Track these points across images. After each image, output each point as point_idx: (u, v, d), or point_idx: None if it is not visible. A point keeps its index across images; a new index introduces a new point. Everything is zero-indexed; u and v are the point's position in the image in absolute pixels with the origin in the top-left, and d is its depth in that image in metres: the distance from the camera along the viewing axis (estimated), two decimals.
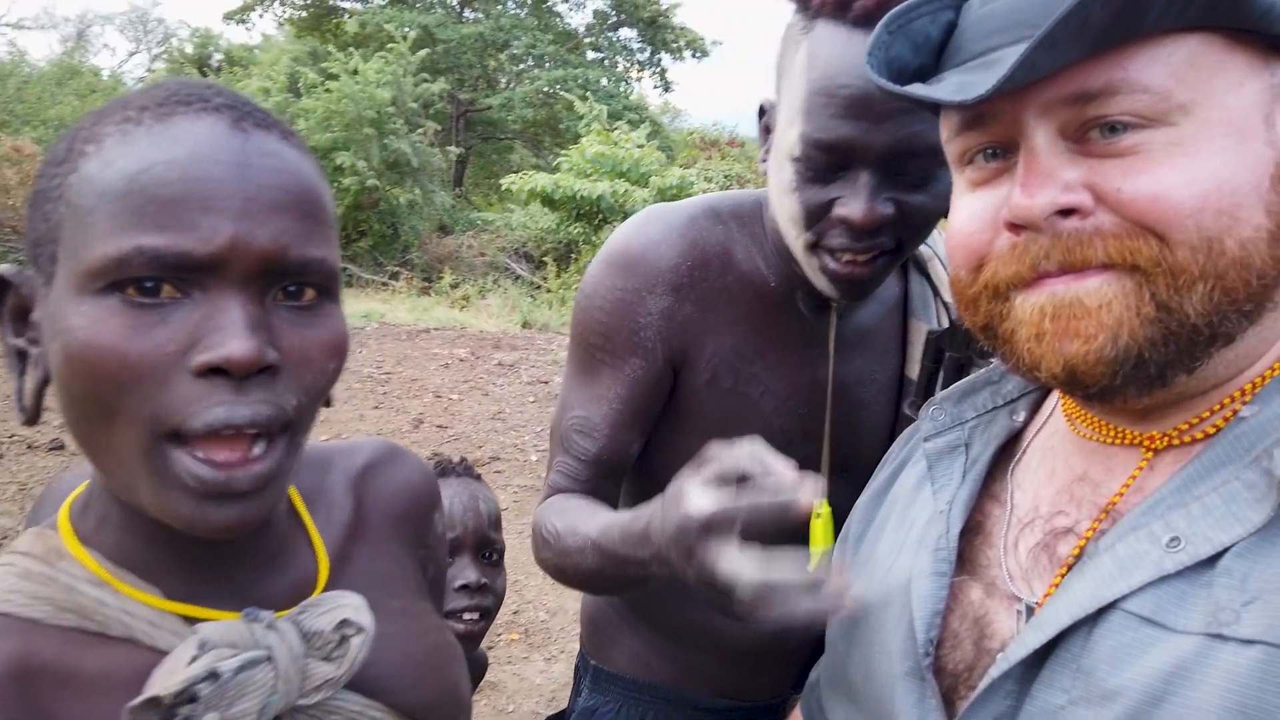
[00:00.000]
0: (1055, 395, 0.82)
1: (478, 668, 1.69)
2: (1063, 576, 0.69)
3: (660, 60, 23.54)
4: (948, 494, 0.81)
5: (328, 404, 0.72)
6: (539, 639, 3.83)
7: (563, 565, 1.09)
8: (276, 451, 0.65)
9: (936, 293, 1.32)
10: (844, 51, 1.02)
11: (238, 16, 23.47)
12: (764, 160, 1.18)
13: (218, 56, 24.37)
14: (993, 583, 0.75)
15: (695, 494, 0.78)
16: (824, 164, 1.04)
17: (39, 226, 0.65)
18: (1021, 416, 0.83)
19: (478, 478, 1.60)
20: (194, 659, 0.63)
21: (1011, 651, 0.67)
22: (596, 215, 13.19)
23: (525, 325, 11.00)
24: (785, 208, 1.11)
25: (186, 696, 0.61)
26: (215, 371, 0.61)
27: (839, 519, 1.30)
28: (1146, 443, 0.70)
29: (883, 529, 0.89)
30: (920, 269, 1.33)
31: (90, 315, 0.60)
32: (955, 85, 0.68)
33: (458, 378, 8.02)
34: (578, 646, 1.55)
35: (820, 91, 1.03)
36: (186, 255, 0.60)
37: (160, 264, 0.60)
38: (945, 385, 1.16)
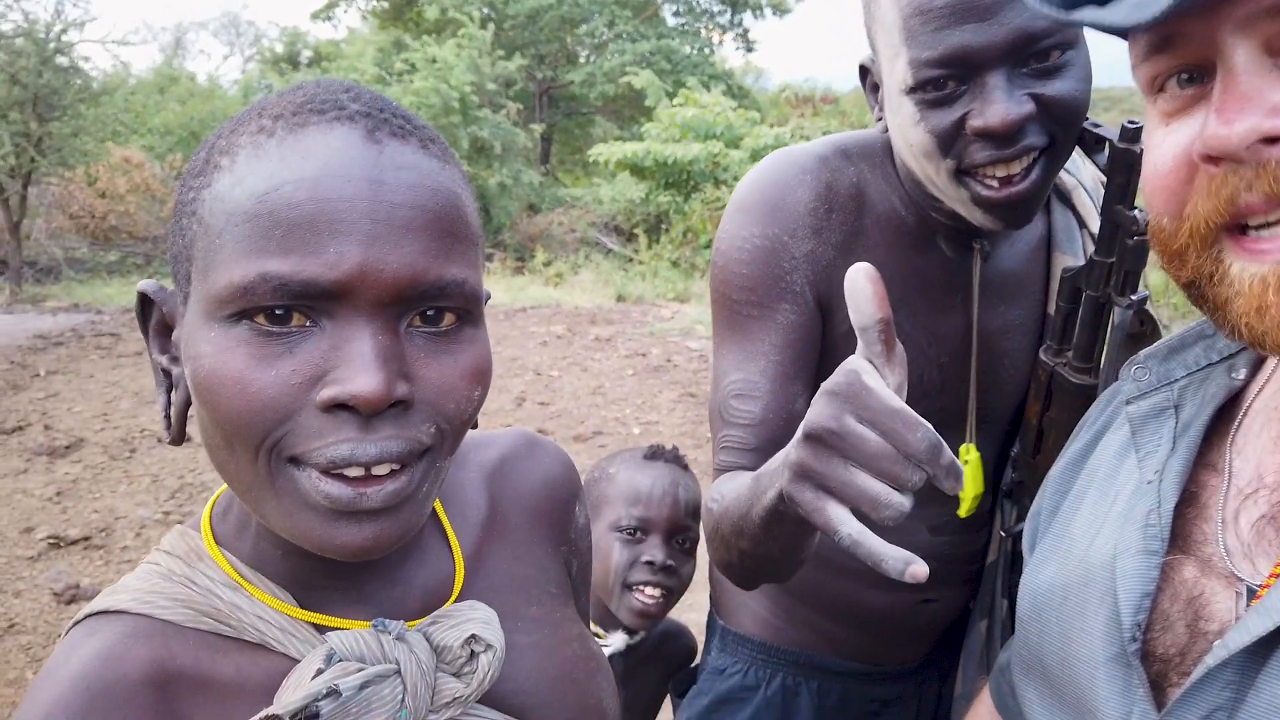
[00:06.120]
0: None
1: (685, 650, 1.65)
2: None
3: (741, 21, 23.13)
4: (1155, 462, 0.73)
5: (474, 426, 0.68)
6: None
7: (719, 528, 1.01)
8: (412, 472, 0.61)
9: (1083, 224, 1.23)
10: None
11: (324, 14, 24.02)
12: (879, 119, 1.12)
13: (306, 54, 24.99)
14: (1209, 560, 0.67)
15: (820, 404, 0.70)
16: (943, 82, 0.98)
17: (177, 242, 0.63)
18: (1242, 374, 0.74)
19: (685, 466, 1.60)
20: (318, 673, 0.61)
21: (1232, 638, 0.60)
22: (687, 182, 13.06)
23: (619, 299, 11.01)
24: (915, 145, 1.03)
25: (309, 713, 0.59)
26: (342, 407, 0.57)
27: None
28: None
29: (1080, 501, 0.81)
30: (1064, 200, 1.24)
31: (217, 344, 0.58)
32: (1134, 4, 0.59)
33: (556, 354, 8.08)
34: (701, 606, 1.52)
35: (915, 12, 0.97)
36: (312, 282, 0.56)
37: (286, 291, 0.56)
38: (1083, 328, 1.08)
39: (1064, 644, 0.73)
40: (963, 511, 1.23)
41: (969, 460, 1.20)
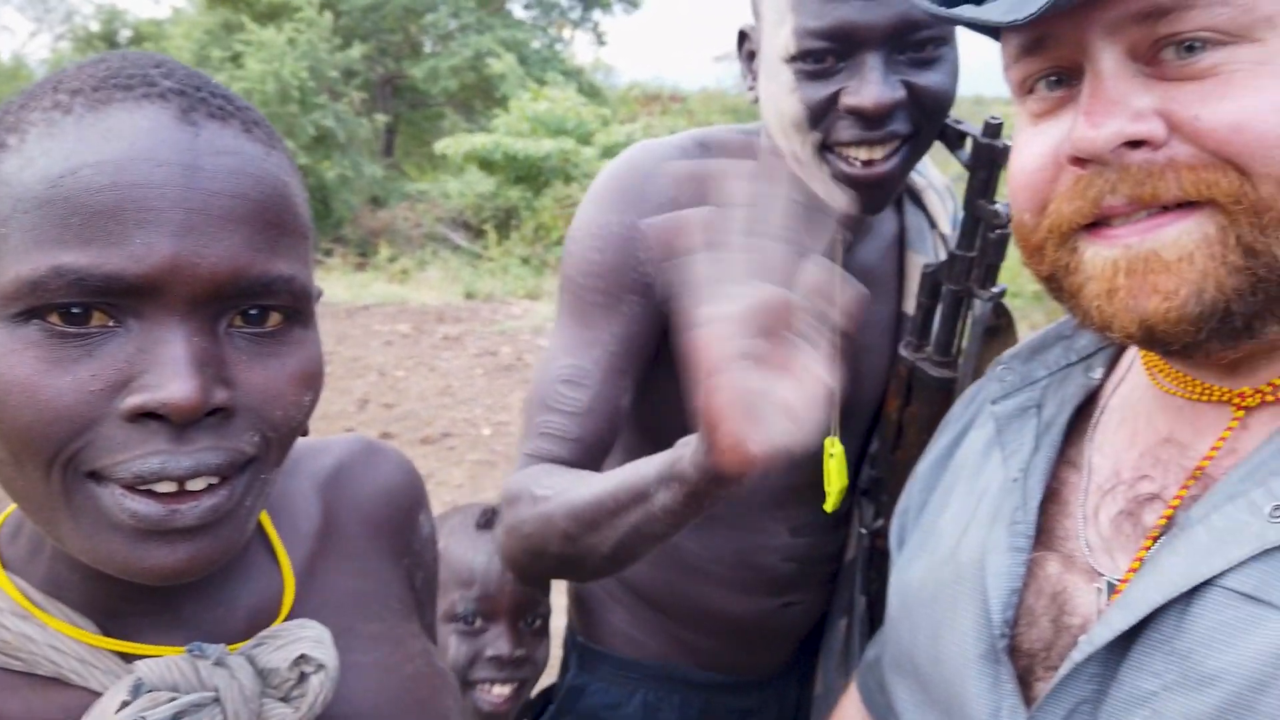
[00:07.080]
0: (1135, 349, 0.77)
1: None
2: (1148, 549, 0.64)
3: (592, 15, 23.13)
4: (1020, 460, 0.76)
5: (304, 433, 0.63)
6: None
7: (552, 518, 0.94)
8: (233, 485, 0.56)
9: (933, 224, 1.28)
10: None
11: None
12: (751, 88, 1.13)
13: (125, 33, 23.35)
14: (1071, 555, 0.70)
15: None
16: (824, 55, 0.99)
17: None
18: (1098, 373, 0.78)
19: None
20: (123, 705, 0.55)
21: (1096, 634, 0.62)
22: (538, 177, 12.95)
23: (468, 296, 10.81)
24: (786, 114, 1.04)
25: None
26: (151, 416, 0.53)
27: None
28: (1237, 400, 0.65)
29: (947, 498, 0.84)
30: (915, 200, 1.28)
31: (2, 346, 0.52)
32: (1009, 4, 0.61)
33: (402, 354, 7.84)
34: (558, 624, 1.45)
35: None
36: (115, 277, 0.51)
37: (84, 287, 0.51)
38: (943, 322, 1.12)
39: (934, 642, 0.75)
40: (829, 505, 1.25)
41: (834, 454, 1.21)
